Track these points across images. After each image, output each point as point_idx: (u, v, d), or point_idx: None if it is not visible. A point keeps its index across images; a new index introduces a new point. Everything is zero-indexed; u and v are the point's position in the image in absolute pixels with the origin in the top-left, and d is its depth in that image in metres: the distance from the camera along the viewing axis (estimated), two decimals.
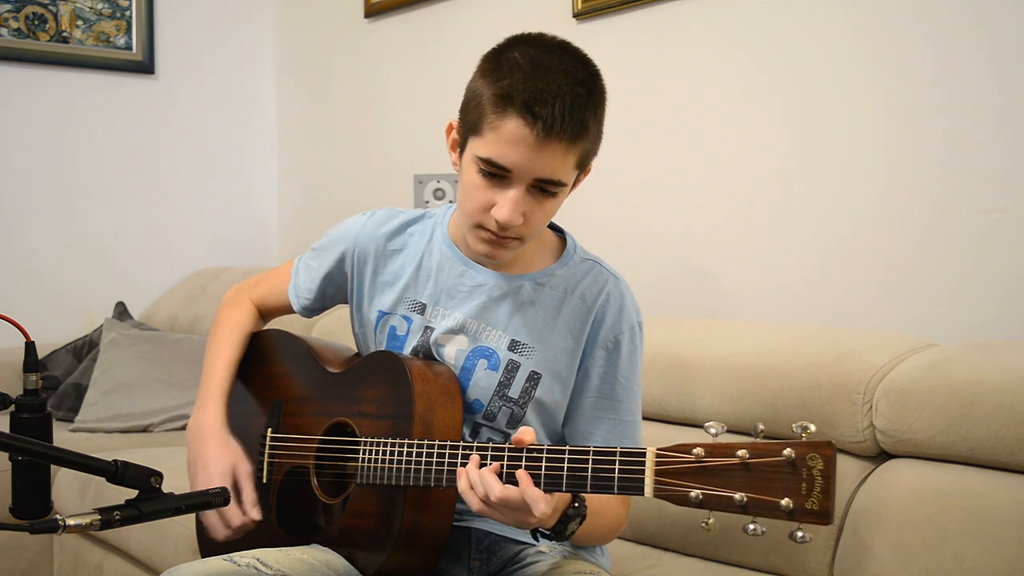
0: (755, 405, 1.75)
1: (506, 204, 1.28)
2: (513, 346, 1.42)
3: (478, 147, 1.28)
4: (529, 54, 1.27)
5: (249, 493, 1.42)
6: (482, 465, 1.19)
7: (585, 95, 1.26)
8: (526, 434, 1.19)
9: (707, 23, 2.35)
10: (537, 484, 1.16)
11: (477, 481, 1.17)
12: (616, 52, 2.51)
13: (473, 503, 1.18)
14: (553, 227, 1.51)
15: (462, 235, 1.46)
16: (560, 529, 1.24)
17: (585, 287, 1.44)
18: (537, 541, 1.38)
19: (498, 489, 1.15)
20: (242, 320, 1.62)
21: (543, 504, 1.14)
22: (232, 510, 1.41)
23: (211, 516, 1.43)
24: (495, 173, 1.27)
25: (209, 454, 1.44)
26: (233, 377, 1.56)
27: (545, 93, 1.22)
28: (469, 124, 1.30)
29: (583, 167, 1.33)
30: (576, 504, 1.24)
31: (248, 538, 1.46)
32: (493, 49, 1.33)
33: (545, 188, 1.29)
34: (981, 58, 1.88)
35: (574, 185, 1.36)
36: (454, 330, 1.44)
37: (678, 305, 2.37)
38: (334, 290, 1.59)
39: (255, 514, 1.41)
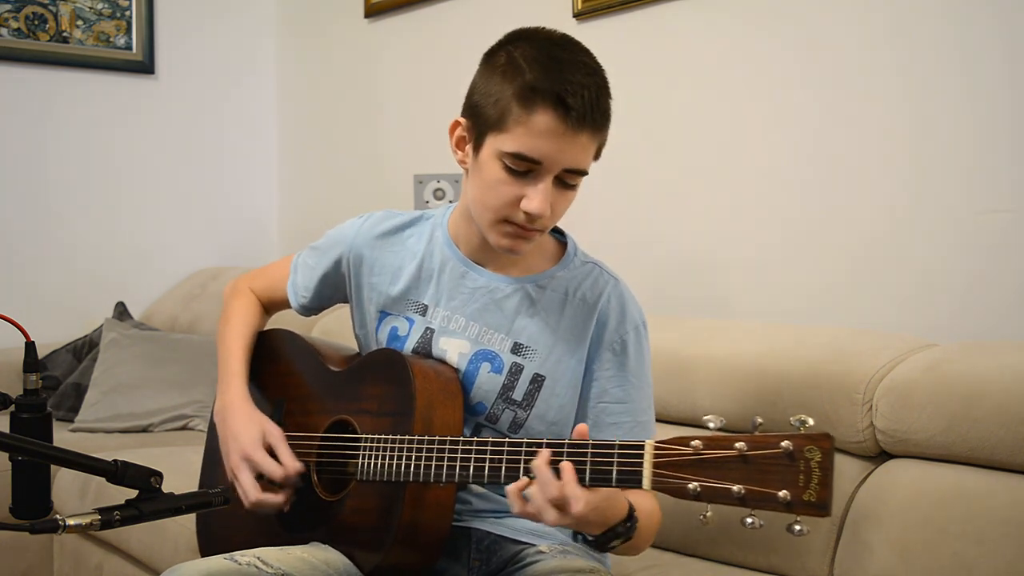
0: (755, 405, 1.75)
1: (537, 196, 1.29)
2: (516, 349, 1.42)
3: (503, 143, 1.28)
4: (542, 48, 1.29)
5: (285, 450, 1.42)
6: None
7: (604, 84, 1.31)
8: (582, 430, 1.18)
9: (707, 23, 2.35)
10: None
11: (541, 482, 1.13)
12: (616, 52, 2.50)
13: (535, 501, 1.14)
14: (553, 229, 1.51)
15: (463, 236, 1.46)
16: (603, 541, 1.22)
17: (586, 289, 1.44)
18: (577, 541, 1.36)
19: (555, 487, 1.11)
20: (250, 310, 1.64)
21: (581, 503, 1.11)
22: (271, 465, 1.40)
23: (246, 483, 1.41)
24: (523, 168, 1.29)
25: (237, 426, 1.45)
26: (249, 360, 1.57)
27: (573, 84, 1.25)
28: (488, 121, 1.30)
29: (599, 155, 1.35)
30: (628, 523, 1.21)
31: (248, 534, 1.46)
32: (497, 47, 1.34)
33: (569, 179, 1.31)
34: (993, 59, 1.87)
35: None
36: (456, 332, 1.44)
37: (677, 304, 2.37)
38: (331, 291, 1.60)
39: (296, 466, 1.40)
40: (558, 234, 1.51)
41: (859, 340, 1.76)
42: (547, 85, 1.25)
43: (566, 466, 1.13)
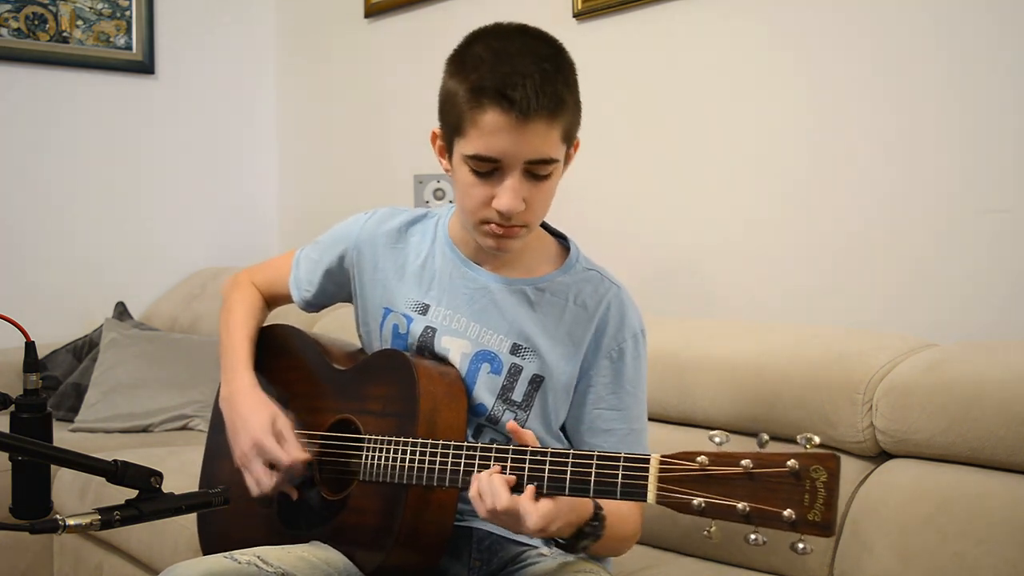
0: (755, 405, 1.75)
1: (505, 193, 1.29)
2: (515, 350, 1.42)
3: (464, 147, 1.30)
4: (491, 45, 1.29)
5: (292, 439, 1.41)
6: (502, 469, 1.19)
7: (553, 70, 1.28)
8: (529, 436, 1.20)
9: (707, 23, 2.35)
10: (540, 488, 1.17)
11: (487, 490, 1.17)
12: (616, 52, 2.51)
13: (480, 510, 1.18)
14: (557, 234, 1.51)
15: (463, 236, 1.46)
16: (572, 543, 1.24)
17: (587, 295, 1.44)
18: (549, 547, 1.38)
19: (504, 499, 1.15)
20: (253, 302, 1.63)
21: (534, 517, 1.14)
22: (277, 451, 1.40)
23: (259, 472, 1.40)
24: (486, 168, 1.29)
25: (247, 412, 1.45)
26: (254, 350, 1.57)
27: (513, 76, 1.24)
28: (450, 126, 1.32)
29: (570, 141, 1.34)
30: (595, 523, 1.24)
31: (249, 533, 1.46)
32: (456, 49, 1.35)
33: (537, 170, 1.30)
34: (991, 57, 1.87)
35: (566, 162, 1.37)
36: (457, 332, 1.44)
37: (674, 304, 2.37)
38: (335, 288, 1.59)
39: (303, 454, 1.40)
40: (561, 239, 1.51)
41: (859, 340, 1.75)
42: (488, 82, 1.25)
43: (529, 489, 1.16)
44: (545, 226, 1.50)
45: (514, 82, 1.24)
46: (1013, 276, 1.84)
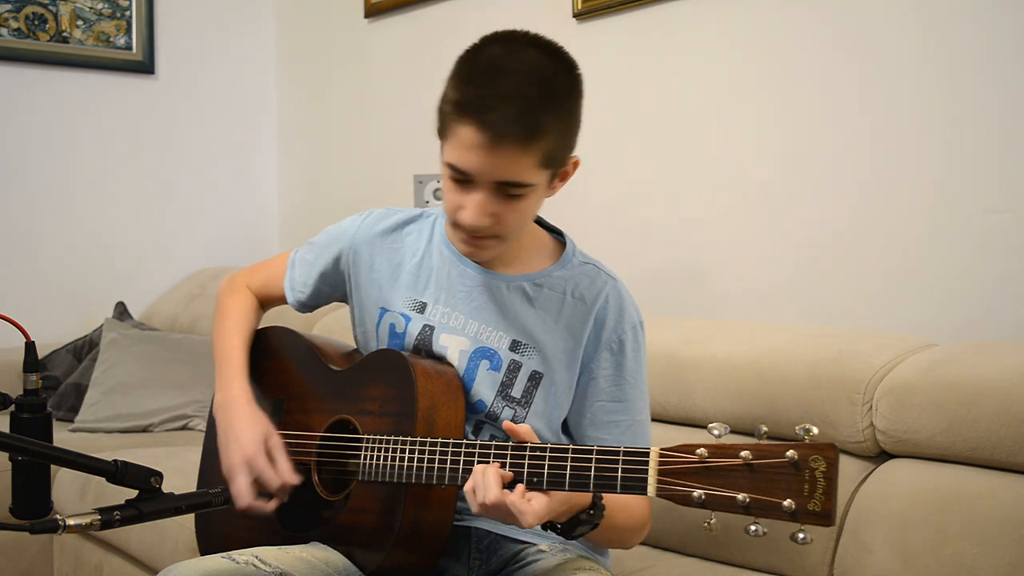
0: (755, 405, 1.75)
1: (469, 207, 1.30)
2: (514, 346, 1.42)
3: (445, 152, 1.31)
4: (493, 57, 1.29)
5: (283, 460, 1.41)
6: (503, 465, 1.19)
7: (537, 96, 1.25)
8: (524, 431, 1.20)
9: (706, 23, 2.35)
10: (539, 483, 1.17)
11: (480, 483, 1.17)
12: (615, 52, 2.51)
13: (473, 505, 1.19)
14: (553, 230, 1.51)
15: None
16: (568, 529, 1.24)
17: (584, 289, 1.45)
18: (545, 531, 1.38)
19: (494, 493, 1.15)
20: (247, 307, 1.63)
21: (529, 516, 1.14)
22: (268, 471, 1.39)
23: (242, 487, 1.39)
24: (460, 178, 1.30)
25: (241, 426, 1.44)
26: (248, 356, 1.56)
27: (492, 99, 1.23)
28: (440, 129, 1.33)
29: (551, 165, 1.31)
30: (591, 511, 1.24)
31: (247, 533, 1.46)
32: (467, 50, 1.34)
33: (509, 191, 1.29)
34: (979, 55, 1.88)
35: (562, 180, 1.36)
36: (455, 330, 1.44)
37: (673, 303, 2.37)
38: (330, 289, 1.60)
39: (293, 478, 1.39)
40: (557, 234, 1.52)
41: (859, 340, 1.76)
42: (471, 99, 1.25)
43: (519, 488, 1.16)
44: (540, 222, 1.50)
45: (491, 105, 1.23)
46: (1014, 277, 1.84)
